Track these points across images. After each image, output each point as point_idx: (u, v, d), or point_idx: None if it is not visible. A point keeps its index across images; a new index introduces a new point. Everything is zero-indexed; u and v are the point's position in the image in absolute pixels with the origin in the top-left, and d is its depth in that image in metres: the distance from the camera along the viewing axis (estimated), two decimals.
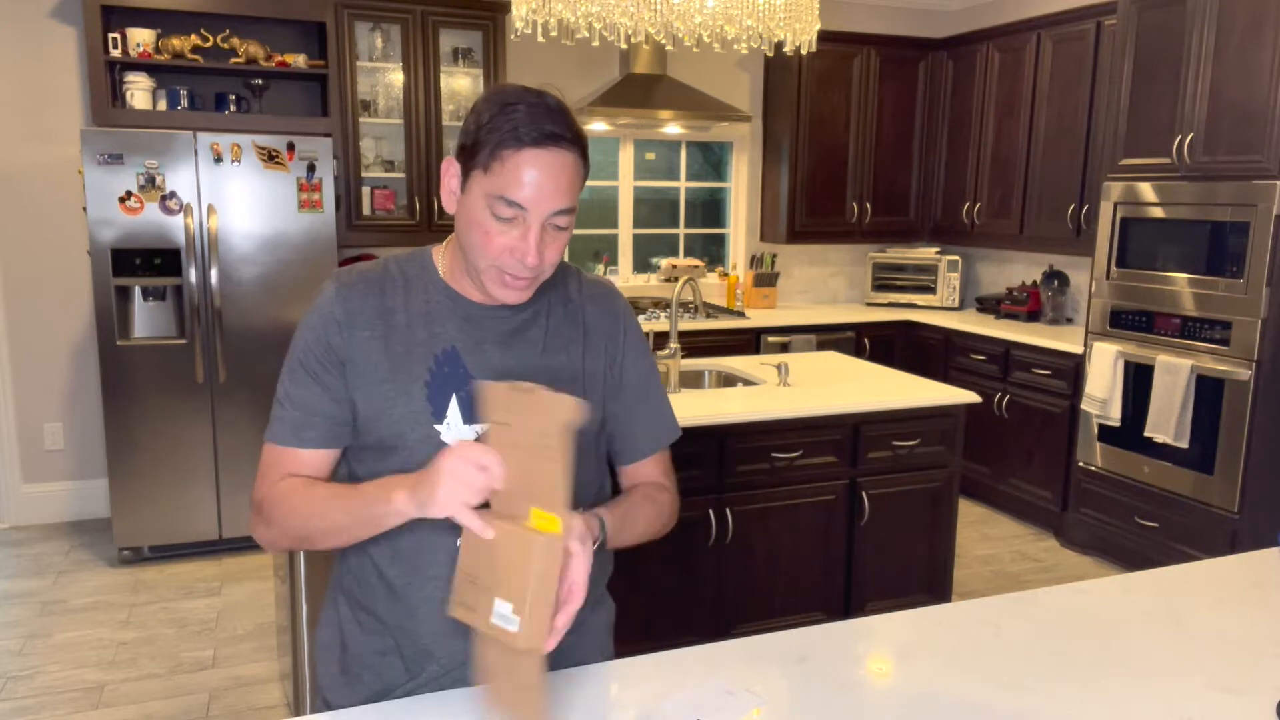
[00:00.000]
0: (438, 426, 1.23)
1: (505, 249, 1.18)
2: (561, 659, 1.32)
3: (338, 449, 1.28)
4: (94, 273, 3.71)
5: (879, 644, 1.36)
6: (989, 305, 5.22)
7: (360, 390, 1.24)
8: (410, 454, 1.23)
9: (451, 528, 1.24)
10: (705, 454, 2.80)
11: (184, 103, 4.15)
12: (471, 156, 1.19)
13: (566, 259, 1.44)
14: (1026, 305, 4.94)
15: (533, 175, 1.16)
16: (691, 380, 3.48)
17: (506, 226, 1.18)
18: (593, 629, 1.38)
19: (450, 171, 1.24)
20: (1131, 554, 3.87)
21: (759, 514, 2.90)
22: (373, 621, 1.31)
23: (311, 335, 1.25)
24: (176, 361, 3.85)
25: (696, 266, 5.42)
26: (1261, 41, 3.32)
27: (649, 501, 1.37)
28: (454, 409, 1.24)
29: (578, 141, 1.21)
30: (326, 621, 1.38)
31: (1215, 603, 1.46)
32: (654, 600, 2.82)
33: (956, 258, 5.40)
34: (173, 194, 3.75)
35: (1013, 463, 4.58)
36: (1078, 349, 4.15)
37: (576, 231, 5.30)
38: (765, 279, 5.37)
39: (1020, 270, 5.33)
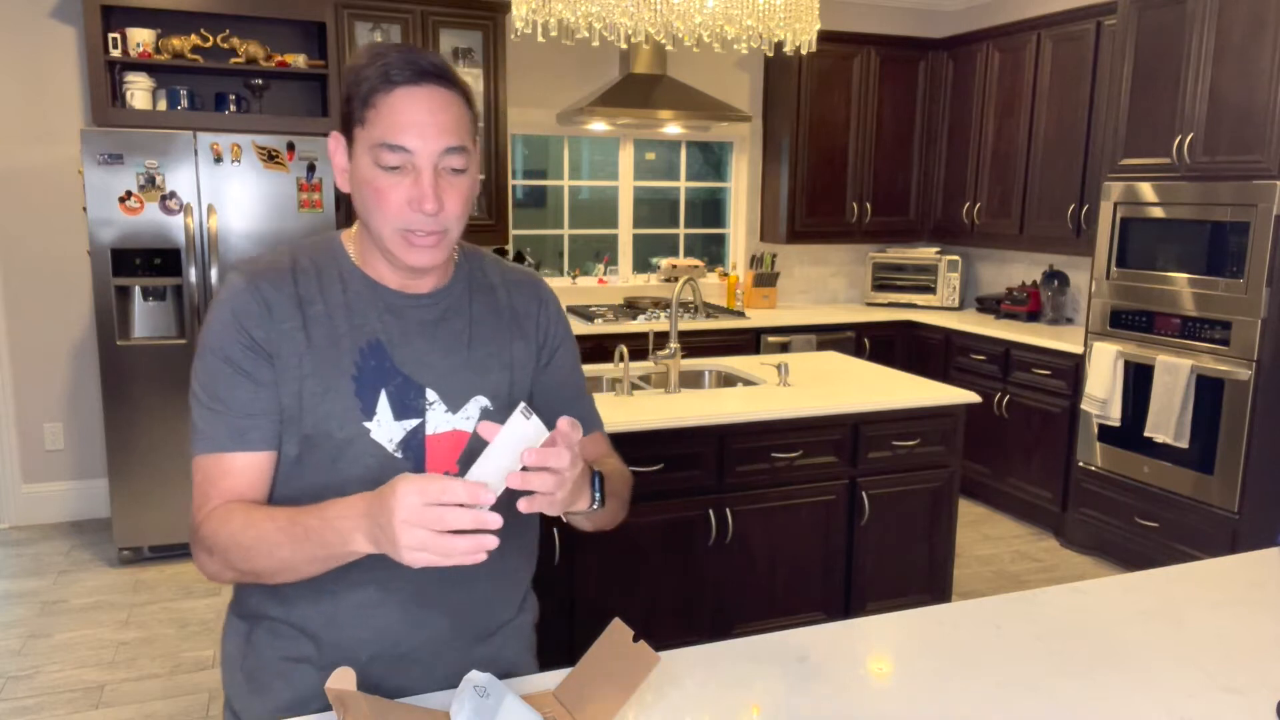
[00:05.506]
0: (367, 424, 1.18)
1: (402, 203, 1.11)
2: (485, 663, 1.27)
3: (278, 450, 1.19)
4: (94, 273, 3.71)
5: (879, 644, 1.35)
6: (989, 305, 5.22)
7: (284, 385, 1.16)
8: (338, 451, 1.17)
9: None
10: (705, 454, 2.80)
11: (184, 103, 4.15)
12: (349, 118, 1.13)
13: (567, 261, 1.42)
14: (1026, 305, 4.94)
15: (411, 113, 1.09)
16: (691, 380, 3.48)
17: (397, 177, 1.11)
18: (520, 630, 1.36)
19: (336, 148, 1.18)
20: (1131, 554, 3.87)
21: (759, 514, 2.90)
22: (288, 628, 1.23)
23: (231, 331, 1.15)
24: (176, 361, 3.85)
25: (696, 266, 5.42)
26: (1261, 42, 3.32)
27: (603, 464, 1.29)
28: (383, 405, 1.19)
29: (458, 84, 1.14)
30: (232, 628, 1.30)
31: (1215, 603, 1.46)
32: (654, 600, 2.82)
33: (956, 258, 5.40)
34: (173, 194, 3.75)
35: (1013, 463, 4.58)
36: (1078, 349, 4.15)
37: (577, 231, 5.32)
38: (765, 279, 5.37)
39: (1020, 270, 5.33)
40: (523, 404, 1.00)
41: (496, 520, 0.94)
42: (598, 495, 1.16)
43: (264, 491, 1.18)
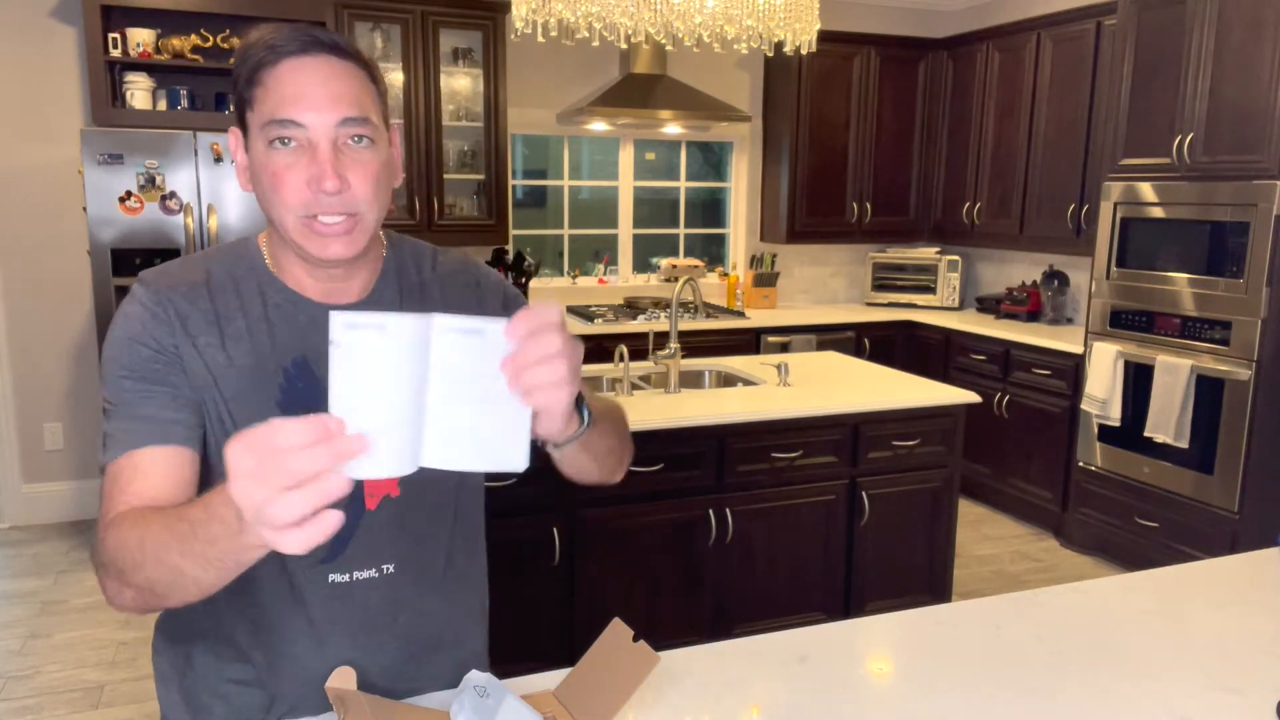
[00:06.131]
0: None
1: (300, 185, 0.99)
2: (443, 683, 1.21)
3: (200, 453, 1.05)
4: (94, 273, 3.71)
5: (879, 644, 1.35)
6: (989, 305, 5.22)
7: (204, 408, 1.04)
8: None
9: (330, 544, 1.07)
10: (705, 454, 2.80)
11: (184, 103, 4.15)
12: (240, 106, 1.02)
13: (567, 261, 1.33)
14: (1026, 305, 4.94)
15: (299, 84, 0.98)
16: (691, 380, 3.48)
17: (293, 158, 0.99)
18: (479, 639, 1.31)
19: (236, 146, 1.06)
20: (1131, 554, 3.87)
21: (759, 514, 2.90)
22: (231, 651, 1.15)
23: (139, 340, 1.03)
24: None
25: (696, 266, 5.42)
26: (1261, 41, 3.32)
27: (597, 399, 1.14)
28: None
29: (356, 56, 1.03)
30: (166, 647, 1.22)
31: (1215, 603, 1.46)
32: (654, 600, 2.82)
33: (956, 258, 5.40)
34: (173, 194, 3.75)
35: (1013, 463, 4.58)
36: (1078, 349, 4.15)
37: (577, 231, 5.32)
38: (765, 279, 5.37)
39: (1020, 270, 5.33)
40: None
41: (361, 448, 0.72)
42: (585, 413, 0.99)
43: (185, 495, 1.00)
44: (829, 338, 5.01)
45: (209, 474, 1.06)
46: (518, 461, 0.82)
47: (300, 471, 0.70)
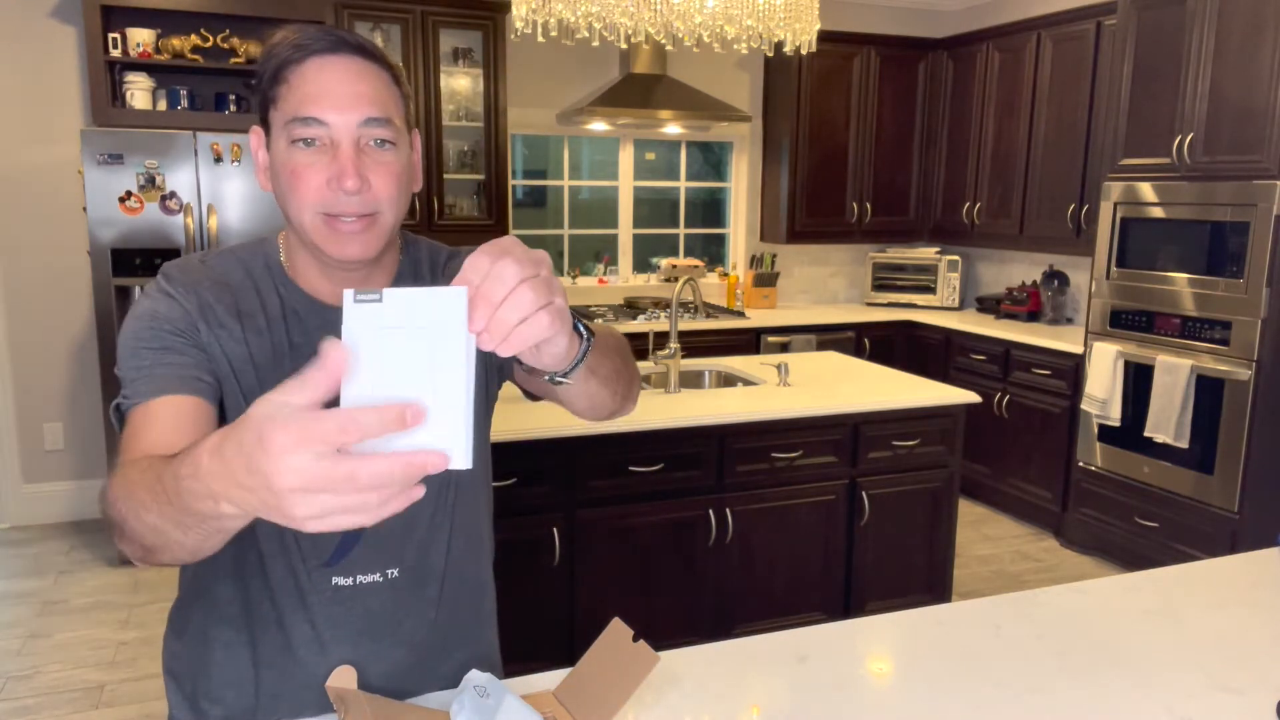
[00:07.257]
0: None
1: (320, 184, 0.99)
2: (450, 682, 1.20)
3: (218, 409, 1.04)
4: (94, 273, 3.71)
5: (879, 644, 1.35)
6: (989, 305, 5.22)
7: (224, 398, 1.03)
8: None
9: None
10: (705, 454, 2.80)
11: (184, 103, 4.15)
12: (264, 105, 1.02)
13: (567, 261, 1.29)
14: (1026, 305, 4.94)
15: (324, 83, 0.98)
16: (691, 380, 3.48)
17: (314, 156, 0.99)
18: (487, 637, 1.31)
19: (258, 145, 1.06)
20: (1131, 554, 3.87)
21: (759, 514, 2.90)
22: (233, 650, 1.15)
23: (161, 318, 1.02)
24: None
25: (696, 266, 5.42)
26: (1261, 41, 3.32)
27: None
28: None
29: (383, 59, 1.03)
30: (171, 640, 1.21)
31: (1215, 603, 1.46)
32: (654, 600, 2.82)
33: (956, 258, 5.40)
34: (173, 194, 3.75)
35: (1013, 463, 4.58)
36: (1078, 349, 4.15)
37: (577, 231, 5.31)
38: (765, 279, 5.37)
39: (1020, 270, 5.33)
40: (350, 291, 0.68)
41: (438, 461, 0.62)
42: (581, 328, 0.91)
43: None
44: (829, 338, 5.01)
45: None
46: (457, 456, 0.67)
47: (365, 483, 0.59)
